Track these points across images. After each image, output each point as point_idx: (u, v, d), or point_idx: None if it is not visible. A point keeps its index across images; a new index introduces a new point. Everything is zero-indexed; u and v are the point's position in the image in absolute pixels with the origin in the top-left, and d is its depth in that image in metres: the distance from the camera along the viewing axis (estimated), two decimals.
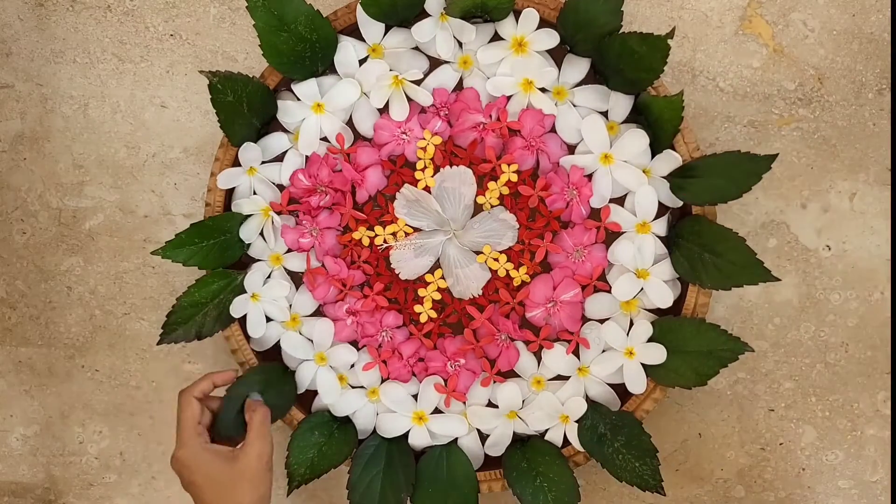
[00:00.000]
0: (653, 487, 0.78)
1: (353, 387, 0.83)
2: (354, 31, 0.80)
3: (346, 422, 0.83)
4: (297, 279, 0.83)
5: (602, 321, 0.80)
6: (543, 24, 0.78)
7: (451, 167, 0.80)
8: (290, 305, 0.82)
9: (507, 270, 0.80)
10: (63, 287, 0.92)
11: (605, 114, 0.79)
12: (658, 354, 0.79)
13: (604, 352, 0.80)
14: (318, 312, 0.82)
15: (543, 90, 0.79)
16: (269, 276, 0.82)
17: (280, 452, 0.83)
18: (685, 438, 0.89)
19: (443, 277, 0.81)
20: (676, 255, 0.79)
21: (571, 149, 0.80)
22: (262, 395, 0.79)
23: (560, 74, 0.79)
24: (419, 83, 0.80)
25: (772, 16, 0.86)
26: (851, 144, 0.87)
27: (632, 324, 0.80)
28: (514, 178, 0.79)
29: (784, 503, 0.89)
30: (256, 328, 0.82)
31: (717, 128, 0.87)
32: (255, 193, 0.82)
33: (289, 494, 0.81)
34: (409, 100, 0.80)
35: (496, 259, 0.80)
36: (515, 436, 0.82)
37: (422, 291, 0.81)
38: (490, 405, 0.82)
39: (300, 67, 0.79)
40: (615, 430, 0.79)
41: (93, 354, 0.92)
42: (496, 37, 0.79)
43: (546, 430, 0.82)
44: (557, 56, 0.79)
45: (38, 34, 0.91)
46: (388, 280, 0.81)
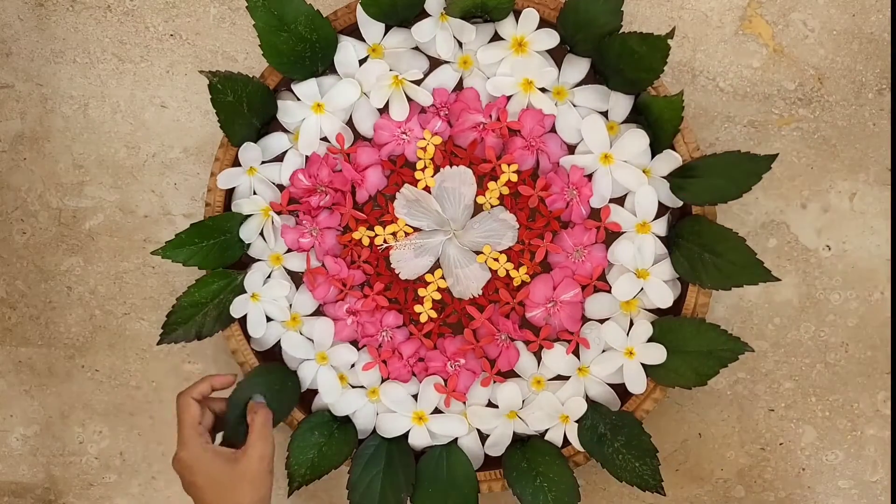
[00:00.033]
0: (653, 487, 0.78)
1: (354, 386, 0.83)
2: (354, 31, 0.80)
3: (346, 422, 0.83)
4: (297, 279, 0.83)
5: (602, 321, 0.80)
6: (543, 24, 0.78)
7: (451, 167, 0.80)
8: (291, 305, 0.82)
9: (507, 270, 0.80)
10: (63, 287, 0.92)
11: (605, 114, 0.79)
12: (658, 354, 0.79)
13: (604, 352, 0.80)
14: (319, 312, 0.82)
15: (543, 90, 0.79)
16: (269, 276, 0.82)
17: (280, 452, 0.83)
18: (685, 438, 0.89)
19: (443, 277, 0.81)
20: (676, 255, 0.79)
21: (571, 149, 0.80)
22: (265, 398, 0.79)
23: (560, 74, 0.79)
24: (419, 83, 0.80)
25: (772, 16, 0.86)
26: (851, 144, 0.87)
27: (632, 324, 0.80)
28: (514, 178, 0.79)
29: (784, 503, 0.89)
30: (256, 328, 0.82)
31: (717, 128, 0.87)
32: (255, 193, 0.82)
33: (290, 495, 0.81)
34: (409, 100, 0.80)
35: (496, 259, 0.80)
36: (515, 436, 0.82)
37: (422, 291, 0.81)
38: (490, 405, 0.82)
39: (300, 67, 0.79)
40: (615, 430, 0.79)
41: (93, 354, 0.92)
42: (496, 37, 0.79)
43: (546, 430, 0.82)
44: (557, 56, 0.79)
45: (38, 34, 0.91)
46: (388, 280, 0.81)
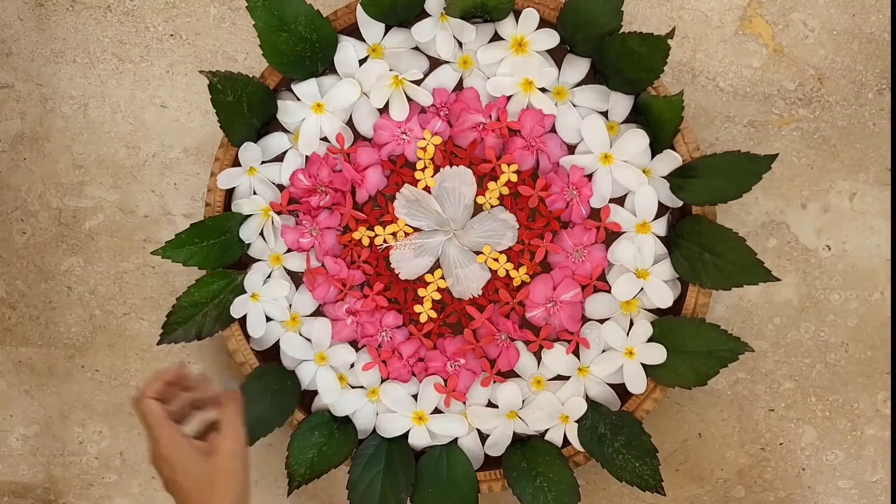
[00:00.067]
0: (653, 487, 0.78)
1: (353, 387, 0.83)
2: (354, 31, 0.80)
3: (346, 422, 0.83)
4: (297, 279, 0.83)
5: (602, 321, 0.80)
6: (543, 24, 0.78)
7: (451, 167, 0.80)
8: (290, 305, 0.82)
9: (507, 270, 0.80)
10: (63, 287, 0.92)
11: (605, 114, 0.79)
12: (658, 354, 0.79)
13: (604, 352, 0.80)
14: (318, 312, 0.82)
15: (543, 90, 0.79)
16: (269, 276, 0.82)
17: (280, 452, 0.83)
18: (685, 438, 0.89)
19: (443, 277, 0.81)
20: (676, 255, 0.79)
21: (571, 149, 0.80)
22: (240, 386, 0.75)
23: (560, 74, 0.79)
24: (419, 83, 0.80)
25: (772, 16, 0.86)
26: (851, 144, 0.87)
27: (632, 324, 0.80)
28: (514, 178, 0.79)
29: (784, 503, 0.89)
30: (256, 328, 0.82)
31: (717, 128, 0.87)
32: (255, 193, 0.82)
33: (289, 494, 0.81)
34: (409, 100, 0.80)
35: (496, 259, 0.80)
36: (515, 436, 0.82)
37: (422, 291, 0.81)
38: (490, 405, 0.82)
39: (300, 67, 0.79)
40: (615, 430, 0.79)
41: (93, 354, 0.92)
42: (496, 37, 0.79)
43: (546, 430, 0.82)
44: (557, 56, 0.79)
45: (38, 34, 0.90)
46: (388, 280, 0.81)
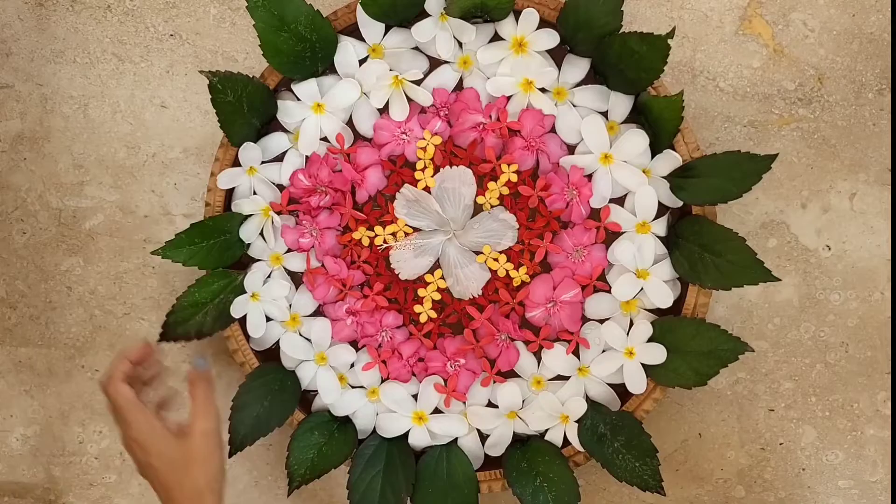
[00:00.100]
0: (653, 488, 0.78)
1: (353, 387, 0.83)
2: (354, 31, 0.80)
3: (346, 422, 0.83)
4: (297, 279, 0.83)
5: (602, 321, 0.80)
6: (543, 24, 0.78)
7: (451, 167, 0.80)
8: (290, 305, 0.82)
9: (507, 270, 0.80)
10: (63, 287, 0.92)
11: (605, 114, 0.79)
12: (658, 354, 0.79)
13: (604, 352, 0.80)
14: (318, 312, 0.82)
15: (543, 90, 0.79)
16: (269, 276, 0.82)
17: (280, 452, 0.83)
18: (685, 438, 0.89)
19: (443, 277, 0.81)
20: (676, 255, 0.79)
21: (571, 149, 0.80)
22: (208, 362, 0.72)
23: (560, 74, 0.79)
24: (419, 83, 0.80)
25: (772, 16, 0.86)
26: (851, 144, 0.87)
27: (632, 324, 0.80)
28: (514, 178, 0.79)
29: (784, 503, 0.89)
30: (256, 328, 0.82)
31: (717, 128, 0.87)
32: (255, 193, 0.82)
33: (289, 494, 0.81)
34: (409, 100, 0.80)
35: (496, 259, 0.80)
36: (515, 436, 0.82)
37: (422, 291, 0.81)
38: (490, 405, 0.82)
39: (300, 67, 0.79)
40: (615, 430, 0.79)
41: (93, 354, 0.92)
42: (496, 37, 0.79)
43: (546, 430, 0.82)
44: (557, 56, 0.79)
45: (38, 34, 0.90)
46: (388, 280, 0.81)
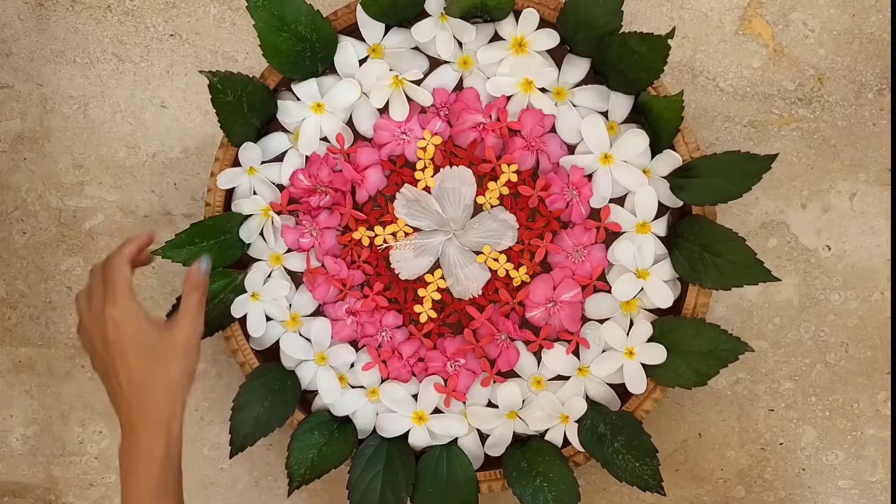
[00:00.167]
0: (653, 488, 0.78)
1: (353, 387, 0.83)
2: (354, 31, 0.80)
3: (346, 422, 0.83)
4: (297, 279, 0.83)
5: (602, 321, 0.80)
6: (543, 24, 0.78)
7: (451, 167, 0.80)
8: (290, 305, 0.82)
9: (507, 270, 0.80)
10: (63, 287, 0.92)
11: (605, 114, 0.79)
12: (658, 354, 0.79)
13: (604, 352, 0.80)
14: (318, 312, 0.82)
15: (543, 90, 0.79)
16: (269, 276, 0.82)
17: (280, 452, 0.83)
18: (685, 438, 0.89)
19: (443, 277, 0.81)
20: (676, 255, 0.79)
21: (571, 149, 0.80)
22: (211, 269, 0.74)
23: (560, 74, 0.79)
24: (419, 83, 0.80)
25: (772, 16, 0.86)
26: (851, 144, 0.87)
27: (632, 324, 0.80)
28: (514, 178, 0.79)
29: (784, 503, 0.89)
30: (256, 328, 0.82)
31: (717, 128, 0.87)
32: (255, 193, 0.82)
33: (289, 494, 0.81)
34: (409, 100, 0.80)
35: (496, 259, 0.80)
36: (515, 436, 0.82)
37: (422, 291, 0.81)
38: (490, 405, 0.82)
39: (300, 67, 0.79)
40: (615, 430, 0.79)
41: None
42: (496, 37, 0.79)
43: (546, 430, 0.82)
44: (557, 56, 0.79)
45: (38, 34, 0.91)
46: (388, 280, 0.81)
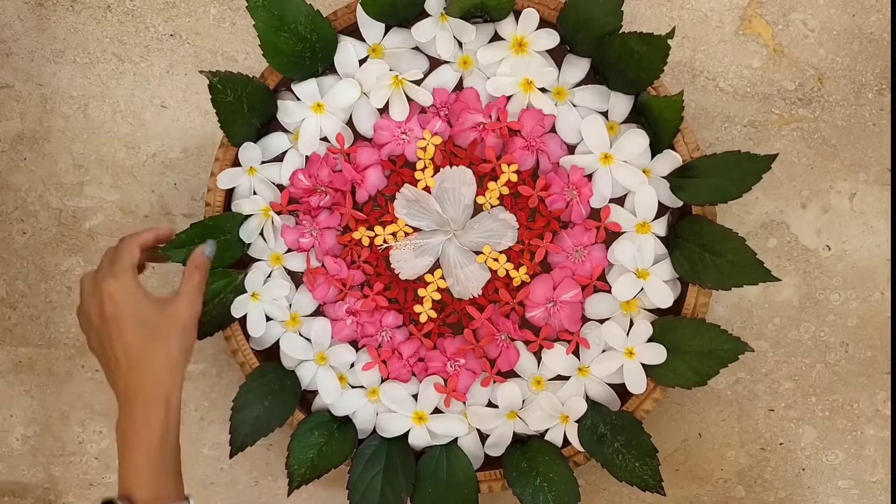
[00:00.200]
0: (653, 488, 0.78)
1: (353, 387, 0.83)
2: (354, 31, 0.80)
3: (346, 422, 0.83)
4: (297, 279, 0.83)
5: (602, 321, 0.80)
6: (543, 24, 0.78)
7: (451, 167, 0.80)
8: (290, 305, 0.82)
9: (507, 270, 0.80)
10: (63, 287, 0.92)
11: (605, 114, 0.79)
12: (658, 354, 0.79)
13: (604, 352, 0.80)
14: (318, 312, 0.82)
15: (543, 90, 0.79)
16: (269, 276, 0.82)
17: (280, 452, 0.83)
18: (685, 438, 0.89)
19: (443, 277, 0.81)
20: (676, 255, 0.79)
21: (571, 149, 0.80)
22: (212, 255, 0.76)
23: (560, 74, 0.79)
24: (419, 83, 0.80)
25: (772, 16, 0.86)
26: (851, 144, 0.87)
27: (632, 324, 0.80)
28: (514, 178, 0.79)
29: (784, 503, 0.89)
30: (256, 328, 0.82)
31: (717, 128, 0.87)
32: (255, 193, 0.82)
33: (289, 494, 0.81)
34: (409, 100, 0.80)
35: (496, 259, 0.80)
36: (515, 436, 0.82)
37: (422, 291, 0.81)
38: (490, 405, 0.82)
39: (300, 67, 0.79)
40: (615, 430, 0.79)
41: (93, 354, 0.91)
42: (496, 37, 0.79)
43: (546, 430, 0.82)
44: (557, 56, 0.79)
45: (38, 34, 0.90)
46: (388, 280, 0.81)
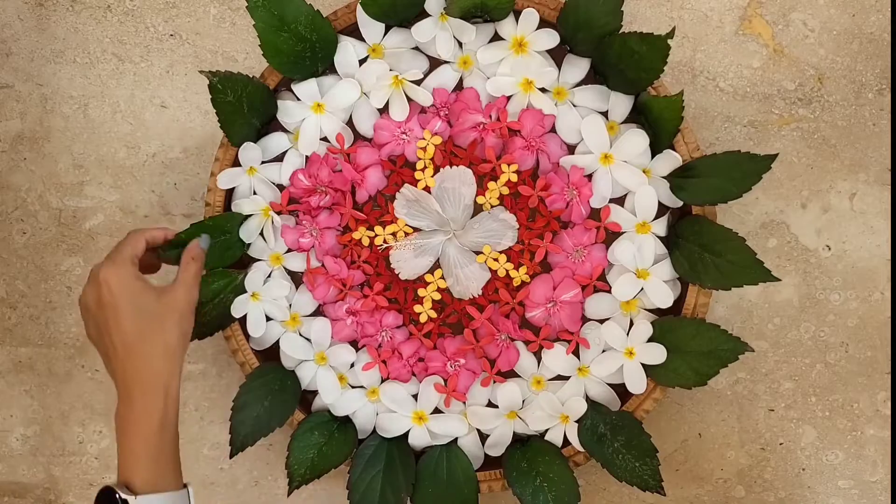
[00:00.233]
0: (653, 488, 0.78)
1: (353, 387, 0.83)
2: (354, 31, 0.80)
3: (346, 422, 0.83)
4: (297, 279, 0.83)
5: (602, 321, 0.80)
6: (543, 24, 0.78)
7: (451, 167, 0.80)
8: (290, 305, 0.82)
9: (507, 270, 0.80)
10: (63, 287, 0.92)
11: (605, 114, 0.79)
12: (658, 354, 0.79)
13: (604, 352, 0.80)
14: (318, 312, 0.82)
15: (543, 90, 0.79)
16: (269, 276, 0.82)
17: (280, 452, 0.83)
18: (685, 438, 0.89)
19: (443, 277, 0.81)
20: (676, 255, 0.79)
21: (571, 149, 0.80)
22: (209, 243, 0.78)
23: (560, 74, 0.79)
24: (419, 83, 0.80)
25: (772, 16, 0.86)
26: (851, 144, 0.87)
27: (632, 324, 0.80)
28: (514, 178, 0.79)
29: (784, 503, 0.89)
30: (256, 328, 0.82)
31: (717, 128, 0.87)
32: (255, 193, 0.82)
33: (289, 494, 0.81)
34: (409, 100, 0.80)
35: (496, 259, 0.80)
36: (515, 436, 0.82)
37: (422, 291, 0.81)
38: (490, 405, 0.82)
39: (300, 67, 0.79)
40: (615, 430, 0.79)
41: (93, 354, 0.92)
42: (496, 37, 0.79)
43: (546, 430, 0.82)
44: (557, 56, 0.79)
45: (38, 34, 0.91)
46: (388, 280, 0.81)
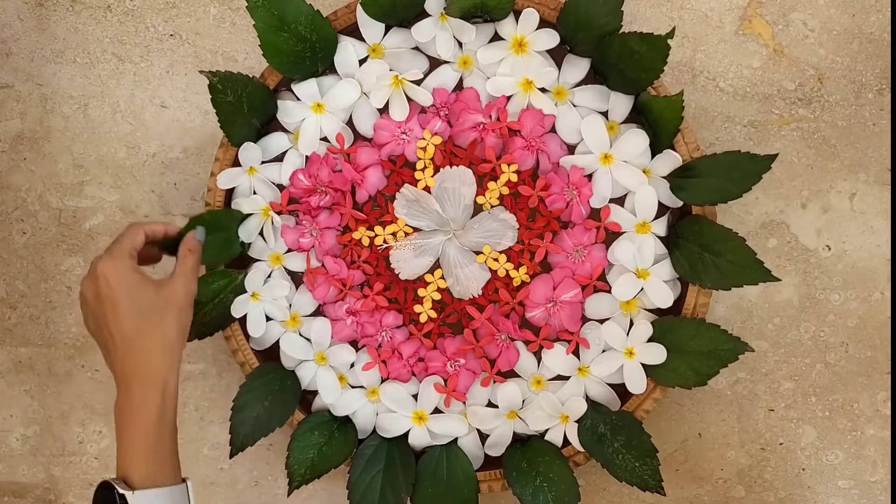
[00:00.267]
0: (653, 488, 0.78)
1: (353, 387, 0.83)
2: (354, 31, 0.80)
3: (346, 422, 0.83)
4: (297, 279, 0.83)
5: (602, 321, 0.80)
6: (543, 24, 0.78)
7: (451, 167, 0.80)
8: (290, 305, 0.82)
9: (507, 270, 0.80)
10: (63, 287, 0.92)
11: (605, 114, 0.79)
12: (658, 354, 0.79)
13: (604, 352, 0.80)
14: (318, 312, 0.82)
15: (543, 90, 0.79)
16: (270, 276, 0.82)
17: (280, 452, 0.83)
18: (685, 438, 0.89)
19: (443, 277, 0.81)
20: (676, 255, 0.79)
21: (571, 149, 0.80)
22: (205, 236, 0.78)
23: (560, 74, 0.79)
24: (419, 83, 0.80)
25: (772, 16, 0.86)
26: (851, 144, 0.87)
27: (632, 324, 0.80)
28: (514, 178, 0.79)
29: (784, 503, 0.89)
30: (256, 328, 0.82)
31: (717, 128, 0.87)
32: (255, 193, 0.82)
33: (289, 494, 0.81)
34: (409, 100, 0.80)
35: (496, 259, 0.80)
36: (515, 436, 0.82)
37: (422, 291, 0.81)
38: (490, 405, 0.82)
39: (300, 67, 0.79)
40: (615, 430, 0.79)
41: (93, 354, 0.92)
42: (496, 37, 0.79)
43: (546, 430, 0.82)
44: (557, 56, 0.79)
45: (38, 34, 0.90)
46: (388, 280, 0.81)
